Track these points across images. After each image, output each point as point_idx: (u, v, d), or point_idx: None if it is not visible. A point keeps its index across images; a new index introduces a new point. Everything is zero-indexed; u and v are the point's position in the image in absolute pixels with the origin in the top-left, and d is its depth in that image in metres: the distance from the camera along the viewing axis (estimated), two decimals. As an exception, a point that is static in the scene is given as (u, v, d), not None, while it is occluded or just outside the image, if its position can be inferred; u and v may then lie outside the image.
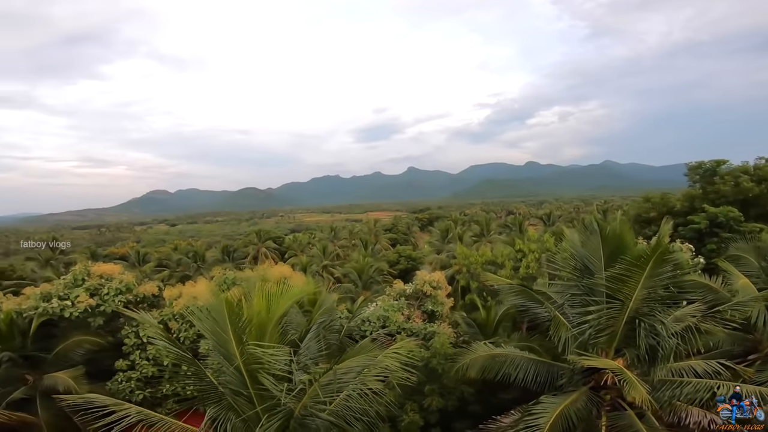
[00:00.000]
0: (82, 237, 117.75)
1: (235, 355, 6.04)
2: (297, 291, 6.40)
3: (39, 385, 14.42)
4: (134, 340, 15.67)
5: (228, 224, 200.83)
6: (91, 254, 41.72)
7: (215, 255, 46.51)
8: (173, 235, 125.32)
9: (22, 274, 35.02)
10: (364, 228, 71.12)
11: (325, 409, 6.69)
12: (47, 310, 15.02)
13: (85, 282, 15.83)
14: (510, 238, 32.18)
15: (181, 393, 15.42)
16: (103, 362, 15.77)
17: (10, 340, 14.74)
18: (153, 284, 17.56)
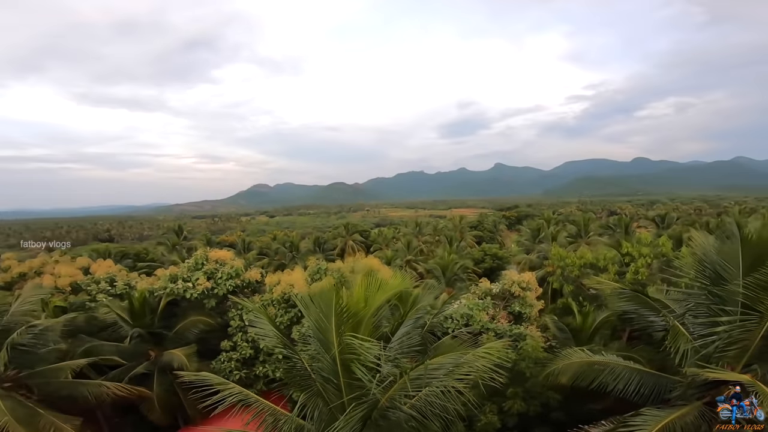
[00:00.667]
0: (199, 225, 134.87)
1: (332, 344, 6.29)
2: (395, 285, 6.48)
3: (158, 361, 15.92)
4: (238, 323, 17.00)
5: (318, 217, 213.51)
6: (207, 241, 47.52)
7: (308, 246, 49.73)
8: (272, 225, 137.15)
9: (154, 257, 41.11)
10: (449, 224, 70.09)
11: (407, 402, 6.71)
12: (173, 290, 16.99)
13: (204, 266, 17.82)
14: (614, 241, 29.12)
15: (270, 375, 16.45)
16: (210, 342, 17.22)
17: (142, 318, 16.52)
18: (256, 271, 19.30)
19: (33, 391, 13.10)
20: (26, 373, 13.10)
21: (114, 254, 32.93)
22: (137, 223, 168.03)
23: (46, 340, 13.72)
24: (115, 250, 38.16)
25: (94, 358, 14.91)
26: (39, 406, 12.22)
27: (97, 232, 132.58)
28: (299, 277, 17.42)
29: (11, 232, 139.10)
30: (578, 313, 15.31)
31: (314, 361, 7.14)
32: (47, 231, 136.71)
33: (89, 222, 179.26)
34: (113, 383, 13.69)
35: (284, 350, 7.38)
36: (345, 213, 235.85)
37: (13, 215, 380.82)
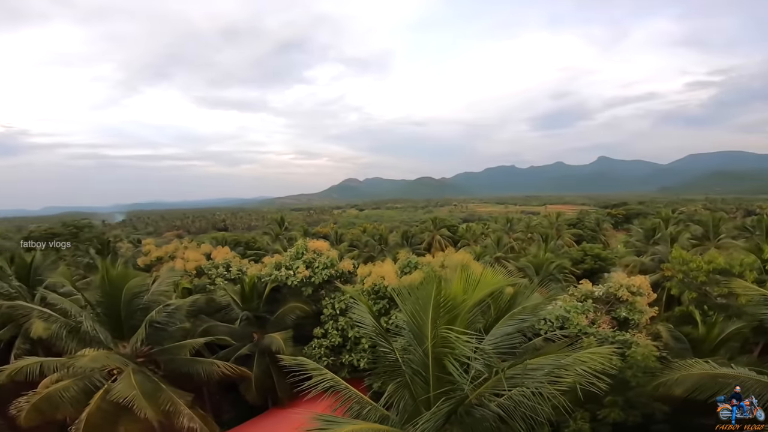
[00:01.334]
0: (297, 217, 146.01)
1: (426, 337, 6.33)
2: (494, 281, 6.32)
3: (260, 344, 17.00)
4: (330, 311, 17.78)
5: (406, 211, 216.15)
6: (304, 232, 51.25)
7: (396, 239, 50.70)
8: (361, 218, 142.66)
9: (260, 246, 45.55)
10: (544, 221, 65.66)
11: (495, 401, 6.56)
12: (277, 277, 18.45)
13: (304, 255, 19.18)
14: (752, 245, 24.55)
15: (355, 364, 16.95)
16: (304, 328, 18.14)
17: (251, 301, 18.00)
18: (349, 262, 20.20)
19: (160, 366, 14.27)
20: (157, 350, 14.38)
21: (229, 242, 37.25)
22: (246, 214, 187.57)
23: (175, 319, 15.01)
24: (230, 238, 43.22)
25: (210, 337, 16.20)
26: (162, 381, 13.22)
27: (215, 221, 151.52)
28: (390, 269, 17.85)
29: (149, 221, 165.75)
30: (701, 323, 13.78)
31: (405, 353, 7.21)
32: (177, 221, 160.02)
33: (209, 213, 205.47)
34: (223, 362, 14.67)
35: (377, 339, 7.58)
36: (432, 207, 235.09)
37: (151, 206, 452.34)
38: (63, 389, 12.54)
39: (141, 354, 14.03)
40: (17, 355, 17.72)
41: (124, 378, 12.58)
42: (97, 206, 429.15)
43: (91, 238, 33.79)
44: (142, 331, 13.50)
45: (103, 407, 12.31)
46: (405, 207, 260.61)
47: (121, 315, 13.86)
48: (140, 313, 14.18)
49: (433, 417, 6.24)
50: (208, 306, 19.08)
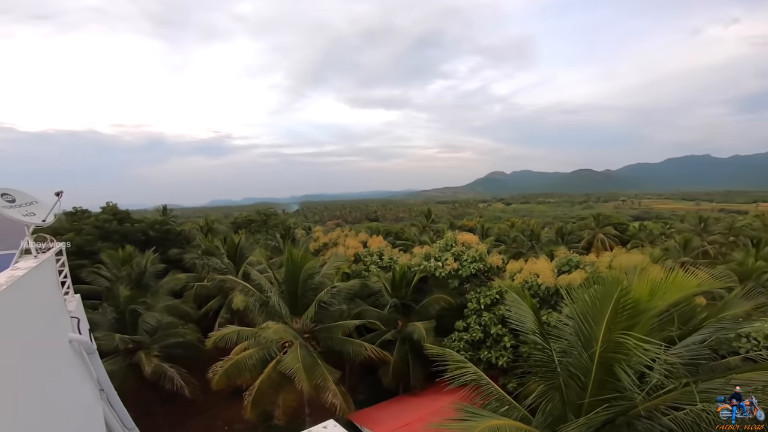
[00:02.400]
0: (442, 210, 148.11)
1: (596, 340, 5.77)
2: (687, 285, 5.34)
3: (403, 331, 17.49)
4: (475, 306, 17.41)
5: (559, 206, 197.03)
6: (450, 225, 51.65)
7: (549, 236, 46.73)
8: (508, 213, 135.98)
9: (408, 236, 47.81)
10: (755, 222, 51.25)
11: (670, 414, 5.80)
12: (427, 267, 18.88)
13: (453, 248, 19.33)
14: None
15: (492, 361, 16.19)
16: (446, 319, 18.01)
17: (399, 289, 18.80)
18: (498, 257, 19.50)
19: (319, 343, 15.59)
20: (319, 327, 15.83)
21: (381, 232, 40.24)
22: (394, 206, 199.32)
23: (337, 300, 16.48)
24: (382, 228, 46.66)
25: (363, 320, 17.24)
26: (319, 357, 14.37)
27: (367, 212, 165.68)
28: (545, 267, 16.58)
29: (316, 211, 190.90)
30: None
31: (563, 355, 6.76)
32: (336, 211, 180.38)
33: (362, 204, 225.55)
34: (370, 345, 15.56)
35: (534, 337, 7.24)
36: (592, 203, 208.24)
37: (317, 198, 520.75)
38: (248, 357, 14.35)
39: (307, 330, 15.57)
40: (221, 323, 21.74)
41: (293, 351, 13.95)
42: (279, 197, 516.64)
43: (276, 224, 40.87)
44: (312, 309, 15.07)
45: (272, 376, 13.88)
46: (559, 202, 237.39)
47: (297, 293, 15.78)
48: (311, 293, 16.02)
49: (587, 422, 5.78)
50: (362, 291, 20.23)
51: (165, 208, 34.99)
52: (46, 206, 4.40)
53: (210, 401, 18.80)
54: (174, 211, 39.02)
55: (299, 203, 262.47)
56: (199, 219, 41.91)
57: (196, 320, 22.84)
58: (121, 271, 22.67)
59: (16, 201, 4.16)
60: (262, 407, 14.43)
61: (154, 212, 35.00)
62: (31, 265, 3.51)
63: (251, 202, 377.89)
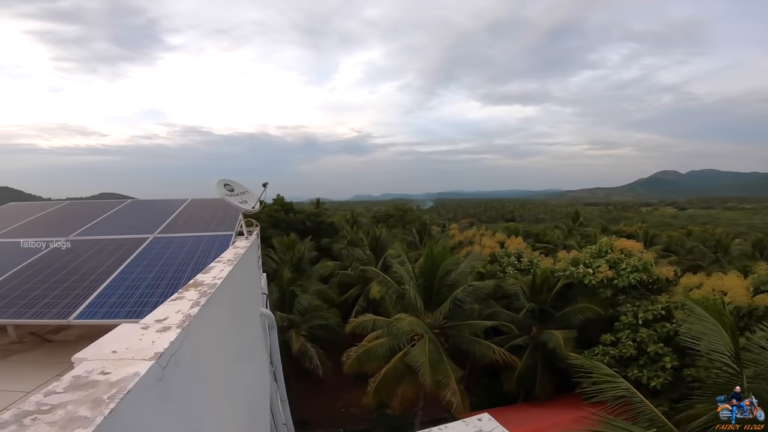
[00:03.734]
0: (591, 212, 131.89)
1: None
2: None
3: (537, 337, 16.51)
4: (630, 320, 15.59)
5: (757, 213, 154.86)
6: (602, 229, 45.70)
7: (742, 247, 37.38)
8: (681, 219, 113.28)
9: (550, 239, 44.04)
10: None
11: None
12: (573, 273, 17.37)
13: (608, 254, 17.19)
14: None
15: (643, 382, 14.29)
16: (588, 331, 16.51)
17: (539, 294, 17.79)
18: (670, 268, 16.65)
19: (447, 339, 15.58)
20: (450, 324, 15.85)
21: (521, 233, 38.07)
22: (534, 207, 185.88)
23: (471, 299, 16.43)
24: (522, 229, 44.07)
25: (495, 322, 16.88)
26: (445, 353, 14.37)
27: (503, 212, 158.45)
28: (737, 283, 13.45)
29: (449, 208, 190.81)
30: None
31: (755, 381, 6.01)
32: (471, 209, 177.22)
33: (498, 203, 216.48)
34: (498, 348, 15.12)
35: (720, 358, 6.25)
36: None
37: (451, 195, 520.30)
38: (378, 346, 15.03)
39: (438, 326, 15.70)
40: (358, 311, 23.12)
41: (420, 345, 14.24)
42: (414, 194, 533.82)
43: (413, 220, 42.44)
44: (447, 305, 15.19)
45: (398, 367, 14.32)
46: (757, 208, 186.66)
47: (433, 288, 16.15)
48: (447, 289, 16.24)
49: None
50: (496, 292, 19.85)
51: (318, 201, 39.65)
52: (254, 195, 5.54)
53: (336, 383, 20.19)
54: (324, 204, 43.86)
55: (434, 200, 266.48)
56: (345, 212, 46.23)
57: (338, 306, 25.07)
58: (286, 256, 26.62)
59: (234, 190, 5.37)
60: (381, 395, 15.06)
61: (309, 205, 40.00)
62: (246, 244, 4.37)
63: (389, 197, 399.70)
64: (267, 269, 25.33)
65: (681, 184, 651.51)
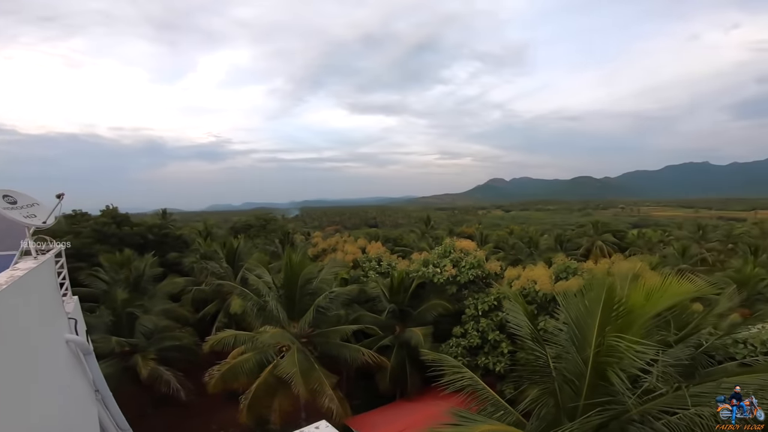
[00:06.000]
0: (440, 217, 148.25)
1: (589, 344, 5.84)
2: (681, 290, 5.44)
3: (400, 336, 17.47)
4: (473, 312, 17.45)
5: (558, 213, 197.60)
6: (449, 231, 51.71)
7: (548, 243, 46.80)
8: (507, 220, 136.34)
9: (407, 243, 47.77)
10: (753, 230, 51.47)
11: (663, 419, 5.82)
12: (425, 273, 18.88)
13: (451, 254, 19.37)
14: None
15: (489, 367, 16.25)
16: (442, 325, 18.08)
17: (397, 295, 18.76)
18: (496, 263, 19.55)
19: (316, 347, 15.56)
20: (317, 332, 15.83)
21: (380, 238, 40.25)
22: (393, 212, 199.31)
23: (335, 305, 16.52)
24: (381, 234, 46.64)
25: (360, 326, 17.36)
26: (316, 361, 14.39)
27: (366, 218, 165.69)
28: (543, 273, 16.64)
29: (315, 216, 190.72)
30: None
31: (557, 360, 6.88)
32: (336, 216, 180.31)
33: (361, 210, 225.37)
34: (367, 350, 15.52)
35: (529, 342, 7.33)
36: (590, 210, 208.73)
37: (316, 203, 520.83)
38: (244, 361, 14.40)
39: (305, 335, 15.53)
40: (218, 327, 21.52)
41: (289, 356, 13.93)
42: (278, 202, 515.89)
43: (275, 229, 40.89)
44: (310, 313, 15.05)
45: (269, 380, 13.88)
46: (558, 209, 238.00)
47: (295, 297, 15.79)
48: (309, 298, 16.02)
49: (580, 427, 5.84)
50: (360, 296, 20.18)
51: (164, 212, 35.00)
52: (47, 208, 4.45)
53: (206, 405, 18.78)
54: (173, 216, 39.06)
55: (299, 209, 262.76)
56: (197, 223, 41.91)
57: (193, 324, 22.86)
58: (119, 275, 22.65)
59: (17, 203, 4.22)
60: (257, 411, 14.40)
61: (153, 216, 35.02)
62: (30, 265, 3.57)
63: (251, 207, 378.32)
64: (95, 290, 21.13)
65: (506, 190, 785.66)
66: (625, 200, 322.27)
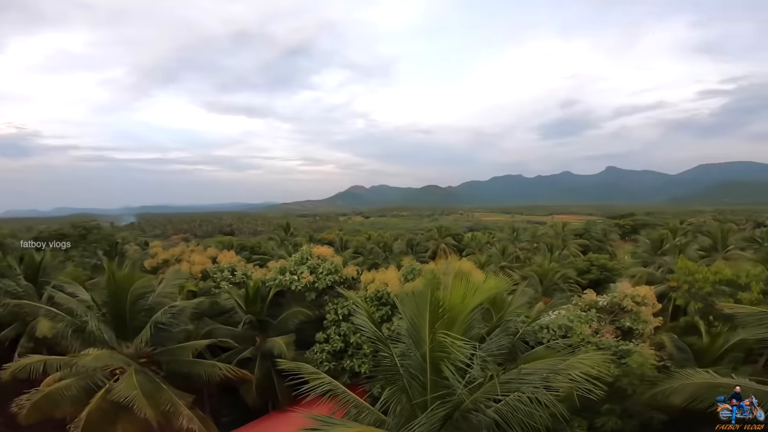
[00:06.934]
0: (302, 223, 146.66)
1: (424, 341, 6.39)
2: (491, 287, 6.39)
3: (262, 347, 17.06)
4: (333, 317, 17.86)
5: (411, 219, 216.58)
6: (309, 238, 51.49)
7: (401, 247, 50.74)
8: (366, 226, 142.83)
9: (266, 251, 45.81)
10: (550, 231, 65.35)
11: (492, 406, 6.56)
12: (282, 282, 18.55)
13: (308, 261, 19.31)
14: (760, 256, 24.29)
15: (356, 369, 16.99)
16: (306, 332, 18.16)
17: (254, 305, 18.01)
18: (353, 268, 20.32)
19: (162, 367, 14.23)
20: (160, 350, 14.43)
21: (234, 246, 37.52)
22: (252, 219, 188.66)
23: (179, 320, 15.01)
24: (236, 242, 43.52)
25: (213, 340, 16.15)
26: (164, 381, 13.23)
27: (221, 226, 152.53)
28: (393, 276, 17.92)
29: (157, 224, 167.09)
30: (705, 333, 13.74)
31: (403, 358, 7.31)
32: (184, 224, 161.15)
33: (215, 217, 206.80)
34: (224, 365, 14.59)
35: (377, 344, 7.69)
36: (437, 216, 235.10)
37: (159, 210, 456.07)
38: (65, 388, 12.63)
39: (144, 354, 14.09)
40: (21, 353, 17.71)
41: (126, 378, 12.61)
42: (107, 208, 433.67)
43: (99, 239, 34.19)
44: (147, 331, 13.58)
45: (103, 406, 12.34)
46: (410, 215, 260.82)
47: (125, 315, 13.94)
48: (145, 314, 14.27)
49: (428, 421, 6.29)
50: (212, 309, 19.16)
51: None
52: None
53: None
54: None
55: (135, 215, 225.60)
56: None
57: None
58: None
59: None
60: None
61: None
62: None
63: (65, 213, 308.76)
64: None
65: (366, 198, 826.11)
66: (463, 207, 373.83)
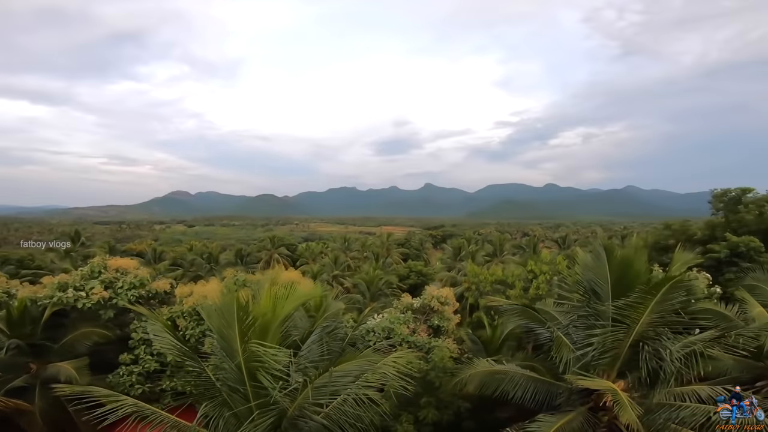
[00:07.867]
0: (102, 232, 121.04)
1: (237, 352, 6.16)
2: (302, 294, 6.51)
3: (41, 375, 14.54)
4: (141, 335, 15.84)
5: (243, 229, 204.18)
6: (109, 249, 42.82)
7: (228, 258, 47.21)
8: (190, 235, 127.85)
9: (41, 264, 36.11)
10: (377, 241, 71.17)
11: (320, 411, 6.70)
12: (61, 299, 15.33)
13: (102, 274, 16.24)
14: (523, 259, 31.82)
15: (179, 389, 15.46)
16: (107, 355, 15.90)
17: (21, 328, 14.98)
18: (165, 281, 17.93)
19: None
20: None
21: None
22: (25, 226, 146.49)
23: None
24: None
25: None
26: None
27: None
28: (214, 288, 16.48)
29: None
30: (488, 326, 16.25)
31: (219, 371, 6.99)
32: None
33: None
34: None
35: (183, 359, 7.15)
36: (272, 226, 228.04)
37: None
38: None
39: None
40: None
41: None
42: None
43: None
44: None
45: None
46: (243, 225, 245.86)
47: None
48: None
49: (254, 430, 6.10)
50: None
51: None
52: None
53: None
54: None
55: None
56: None
57: None
58: None
59: None
60: None
61: None
62: None
63: None
64: None
65: (190, 204, 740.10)
66: (299, 217, 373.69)
